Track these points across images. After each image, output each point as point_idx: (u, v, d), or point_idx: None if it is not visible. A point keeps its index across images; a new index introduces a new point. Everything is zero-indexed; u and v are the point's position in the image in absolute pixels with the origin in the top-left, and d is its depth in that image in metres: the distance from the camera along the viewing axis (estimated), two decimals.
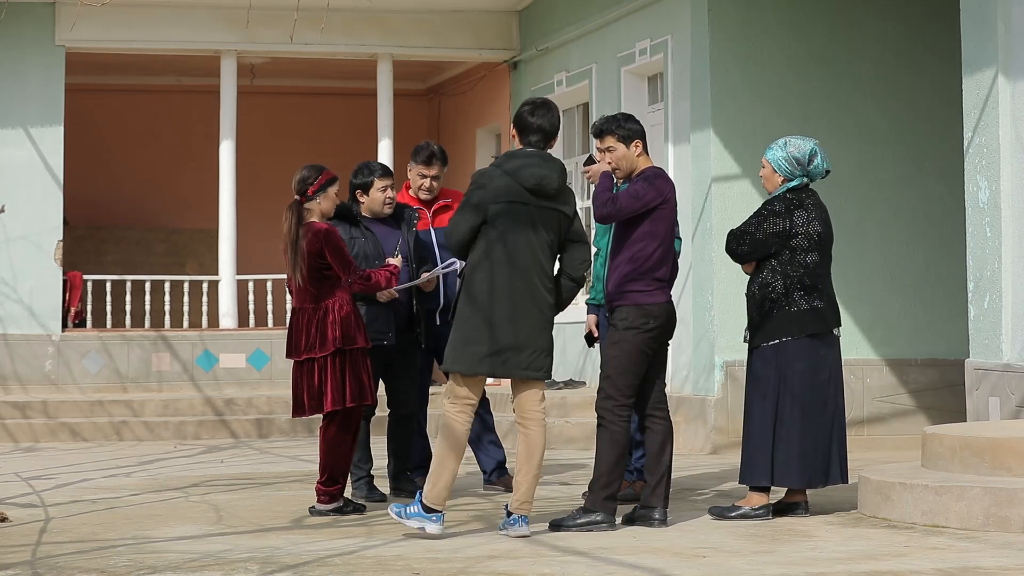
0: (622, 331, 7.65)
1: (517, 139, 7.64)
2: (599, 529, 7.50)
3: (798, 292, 7.95)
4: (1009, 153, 9.18)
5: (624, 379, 7.63)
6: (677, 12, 13.15)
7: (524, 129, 7.60)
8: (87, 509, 8.87)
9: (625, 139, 7.79)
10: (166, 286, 17.32)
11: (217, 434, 15.04)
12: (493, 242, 7.40)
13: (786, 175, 8.08)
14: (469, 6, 17.00)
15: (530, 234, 7.40)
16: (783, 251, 7.98)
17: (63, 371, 16.18)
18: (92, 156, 19.77)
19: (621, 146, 7.80)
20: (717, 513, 7.98)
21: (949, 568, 6.20)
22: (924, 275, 12.91)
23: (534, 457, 7.40)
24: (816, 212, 8.04)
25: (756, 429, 7.96)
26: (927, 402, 12.73)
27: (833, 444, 7.97)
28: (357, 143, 19.25)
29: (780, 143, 8.14)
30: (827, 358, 8.00)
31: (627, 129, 7.80)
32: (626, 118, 7.87)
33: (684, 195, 12.53)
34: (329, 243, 8.32)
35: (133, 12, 16.37)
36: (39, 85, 16.22)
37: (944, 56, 12.63)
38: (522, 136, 7.62)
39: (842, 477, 8.01)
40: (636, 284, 7.67)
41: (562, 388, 14.72)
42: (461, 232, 7.47)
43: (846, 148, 12.64)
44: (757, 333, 8.03)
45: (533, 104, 7.66)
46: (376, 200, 9.15)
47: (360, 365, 8.40)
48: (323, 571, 6.40)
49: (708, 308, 12.44)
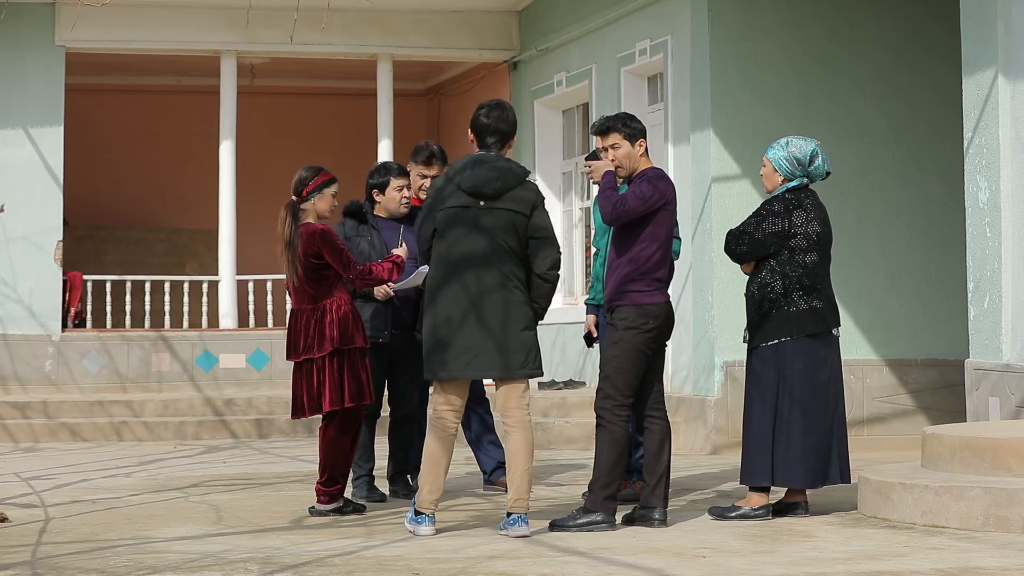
0: (622, 331, 7.65)
1: (475, 143, 7.67)
2: (599, 529, 7.50)
3: (797, 292, 7.95)
4: (1009, 153, 9.18)
5: (623, 379, 7.63)
6: (677, 12, 13.15)
7: (480, 132, 7.64)
8: (87, 509, 8.87)
9: (630, 137, 7.81)
10: (166, 286, 17.32)
11: (217, 434, 15.05)
12: (444, 248, 7.50)
13: (786, 175, 8.08)
14: (469, 6, 17.00)
15: (480, 237, 7.44)
16: (782, 251, 7.98)
17: (63, 371, 16.18)
18: (92, 156, 19.78)
19: (626, 144, 7.81)
20: (717, 513, 7.98)
21: (949, 568, 6.20)
22: (924, 275, 12.91)
23: (519, 457, 7.41)
24: (815, 212, 8.04)
25: (756, 429, 7.96)
26: (927, 402, 12.73)
27: (834, 444, 7.97)
28: (357, 143, 19.26)
29: (782, 142, 8.14)
30: (827, 358, 8.01)
31: (632, 128, 7.82)
32: (630, 117, 7.90)
33: (684, 195, 12.53)
34: (326, 243, 8.32)
35: (133, 12, 16.37)
36: (39, 85, 16.22)
37: (944, 56, 12.63)
38: (479, 139, 7.65)
39: (843, 477, 8.01)
40: (636, 284, 7.68)
41: (562, 388, 14.71)
42: (422, 239, 7.64)
43: (846, 148, 12.64)
44: (756, 333, 8.03)
45: (487, 107, 7.68)
46: (392, 199, 9.23)
47: (359, 365, 8.40)
48: (323, 571, 6.40)
49: (708, 308, 12.44)
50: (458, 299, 7.42)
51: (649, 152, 7.97)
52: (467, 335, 7.38)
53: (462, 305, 7.41)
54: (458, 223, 7.46)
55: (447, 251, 7.48)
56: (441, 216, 7.50)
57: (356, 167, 19.71)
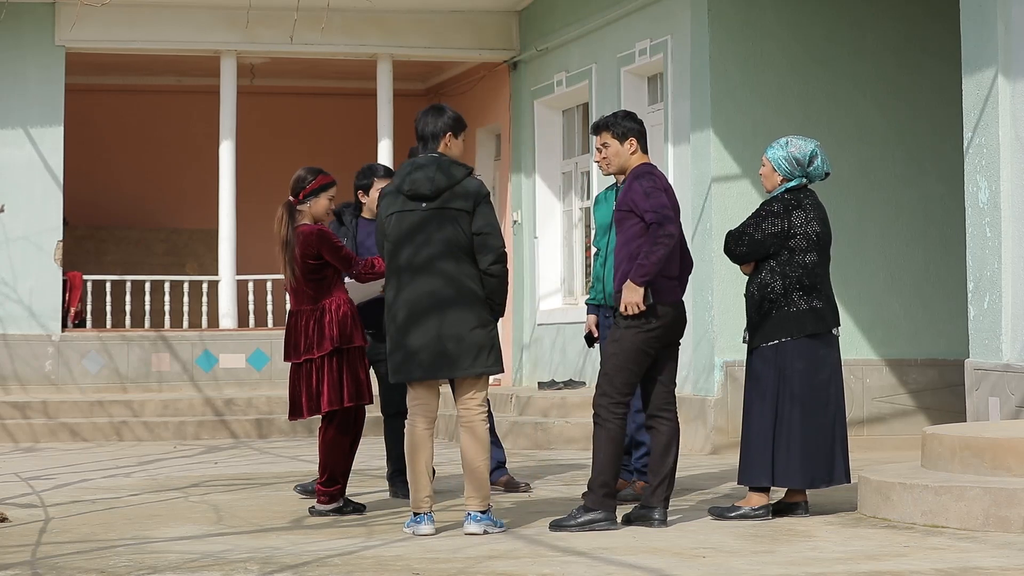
0: (623, 329, 7.64)
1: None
2: (599, 527, 7.49)
3: (797, 292, 7.95)
4: (1009, 153, 9.17)
5: (621, 377, 7.62)
6: (677, 12, 13.14)
7: (419, 136, 7.79)
8: (87, 509, 8.87)
9: (620, 136, 7.85)
10: (166, 286, 17.32)
11: (217, 434, 15.05)
12: (393, 253, 7.60)
13: (785, 175, 8.08)
14: (469, 6, 16.99)
15: (425, 238, 7.51)
16: (782, 251, 7.97)
17: (63, 371, 16.18)
18: (92, 156, 19.77)
19: (615, 143, 7.87)
20: (717, 513, 7.97)
21: (949, 568, 6.20)
22: (924, 275, 12.91)
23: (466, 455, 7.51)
24: (814, 212, 8.04)
25: (756, 430, 7.95)
26: (927, 402, 12.73)
27: (836, 444, 7.97)
28: (357, 143, 19.25)
29: (781, 142, 8.14)
30: (827, 358, 8.00)
31: (623, 127, 7.85)
32: (625, 115, 7.93)
33: (684, 195, 12.53)
34: (324, 243, 8.35)
35: (133, 12, 16.37)
36: (39, 85, 16.22)
37: (944, 56, 12.63)
38: (420, 142, 7.79)
39: (845, 477, 8.01)
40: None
41: (562, 388, 14.71)
42: (377, 248, 7.77)
43: (846, 148, 12.64)
44: (756, 333, 8.03)
45: (425, 111, 7.83)
46: (375, 200, 9.23)
47: (358, 364, 8.41)
48: (323, 571, 6.40)
49: (708, 308, 12.44)
50: (409, 302, 7.52)
51: (649, 151, 7.98)
52: (417, 337, 7.48)
53: (412, 308, 7.51)
54: (403, 227, 7.56)
55: (396, 256, 7.58)
56: (387, 223, 7.61)
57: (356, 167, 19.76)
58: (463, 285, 7.49)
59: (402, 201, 7.58)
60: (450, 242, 7.49)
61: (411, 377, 7.55)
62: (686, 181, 12.75)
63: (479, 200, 7.56)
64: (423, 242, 7.51)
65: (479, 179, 7.72)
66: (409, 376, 7.55)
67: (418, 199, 7.54)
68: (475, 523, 7.47)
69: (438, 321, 7.46)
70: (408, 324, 7.50)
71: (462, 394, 7.58)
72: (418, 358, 7.48)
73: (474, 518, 7.48)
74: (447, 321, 7.47)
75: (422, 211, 7.54)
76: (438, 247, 7.49)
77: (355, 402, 8.38)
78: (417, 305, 7.49)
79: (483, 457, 7.49)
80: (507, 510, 8.43)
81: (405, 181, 7.59)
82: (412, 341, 7.49)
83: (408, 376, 7.56)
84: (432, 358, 7.47)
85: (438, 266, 7.49)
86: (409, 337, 7.49)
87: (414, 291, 7.50)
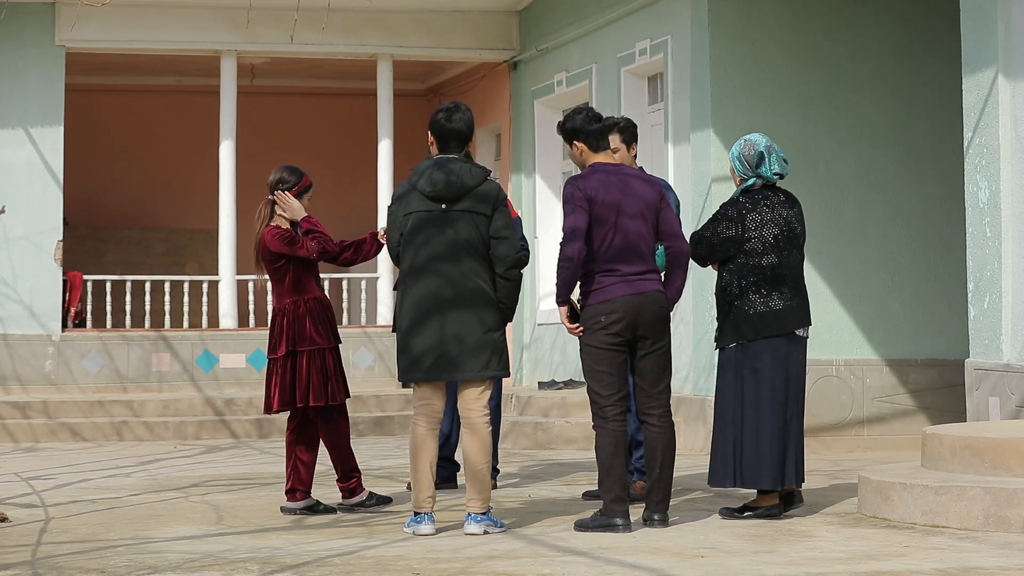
0: (585, 334, 7.64)
1: (435, 146, 7.70)
2: (612, 531, 7.43)
3: (754, 294, 7.88)
4: (1009, 153, 9.17)
5: (595, 381, 7.58)
6: (677, 12, 13.14)
7: (440, 135, 7.67)
8: (87, 509, 8.87)
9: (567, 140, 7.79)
10: (166, 286, 17.32)
11: (217, 434, 15.05)
12: (411, 253, 7.58)
13: (741, 175, 8.04)
14: (469, 6, 16.99)
15: (444, 239, 7.50)
16: (738, 255, 7.93)
17: (63, 371, 16.18)
18: (92, 156, 19.77)
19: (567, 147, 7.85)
20: (727, 514, 7.94)
21: (949, 568, 6.20)
22: (924, 275, 12.90)
23: (469, 457, 7.51)
24: (771, 213, 7.93)
25: (719, 431, 7.95)
26: (927, 402, 12.72)
27: (790, 446, 7.87)
28: (357, 143, 19.25)
29: (739, 141, 8.08)
30: (788, 359, 7.90)
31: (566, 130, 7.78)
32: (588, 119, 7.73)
33: (684, 195, 12.54)
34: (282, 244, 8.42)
35: (133, 12, 16.37)
36: (39, 85, 16.22)
37: (944, 56, 12.62)
38: (439, 142, 7.69)
39: (797, 479, 7.94)
40: (585, 285, 7.66)
41: (562, 388, 14.71)
42: (390, 245, 7.72)
43: (846, 148, 12.63)
44: (721, 335, 8.02)
45: (446, 110, 7.72)
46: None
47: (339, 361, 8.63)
48: (323, 571, 6.40)
49: (708, 308, 12.43)
50: (423, 303, 7.52)
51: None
52: (427, 338, 7.48)
53: (426, 309, 7.50)
54: (421, 228, 7.55)
55: (413, 256, 7.56)
56: (405, 222, 7.58)
57: (356, 167, 19.80)
58: (478, 288, 7.49)
59: (423, 201, 7.54)
60: (468, 245, 7.48)
61: (415, 378, 7.56)
62: (686, 181, 12.75)
63: (497, 204, 7.57)
64: (442, 244, 7.49)
65: (497, 182, 7.72)
66: (414, 377, 7.56)
67: (439, 200, 7.52)
68: (476, 523, 7.48)
69: (451, 324, 7.46)
70: (421, 326, 7.50)
71: (468, 396, 7.57)
72: (428, 359, 7.49)
73: (475, 519, 7.48)
74: (460, 324, 7.46)
75: (441, 212, 7.52)
76: (456, 250, 7.48)
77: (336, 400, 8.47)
78: (432, 307, 7.49)
79: (485, 459, 7.50)
80: (508, 510, 8.43)
81: (427, 181, 7.54)
82: (422, 342, 7.49)
83: (413, 377, 7.56)
84: (442, 360, 7.48)
85: (457, 269, 7.48)
86: (420, 338, 7.49)
87: (431, 293, 7.50)
